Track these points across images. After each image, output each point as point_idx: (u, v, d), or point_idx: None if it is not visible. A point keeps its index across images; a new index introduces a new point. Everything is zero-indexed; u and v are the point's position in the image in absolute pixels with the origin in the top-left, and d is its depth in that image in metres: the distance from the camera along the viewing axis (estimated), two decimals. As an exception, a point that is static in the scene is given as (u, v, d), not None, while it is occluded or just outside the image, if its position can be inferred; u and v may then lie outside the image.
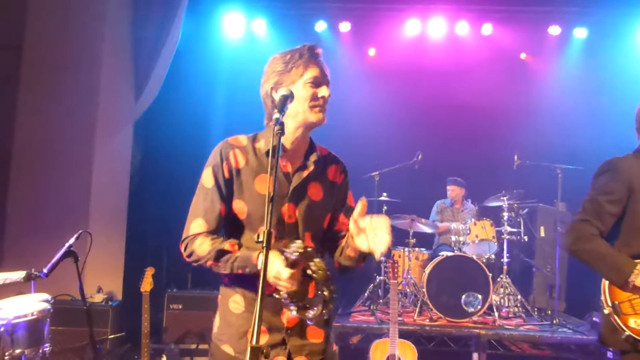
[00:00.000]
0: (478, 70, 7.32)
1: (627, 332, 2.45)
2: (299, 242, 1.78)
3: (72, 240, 3.22)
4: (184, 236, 2.01)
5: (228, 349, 2.00)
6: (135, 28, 5.96)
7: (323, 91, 2.00)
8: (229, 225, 2.05)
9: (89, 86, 5.37)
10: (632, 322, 2.45)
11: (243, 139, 2.08)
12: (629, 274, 2.42)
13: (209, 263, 1.94)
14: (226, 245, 1.91)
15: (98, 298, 4.86)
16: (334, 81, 2.07)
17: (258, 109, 2.18)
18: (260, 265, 1.73)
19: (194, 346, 5.26)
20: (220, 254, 1.92)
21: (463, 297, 5.44)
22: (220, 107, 7.04)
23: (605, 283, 2.58)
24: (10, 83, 5.30)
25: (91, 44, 5.43)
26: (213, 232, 2.00)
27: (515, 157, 6.15)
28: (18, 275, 3.14)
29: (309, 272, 1.78)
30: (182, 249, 2.01)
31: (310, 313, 1.79)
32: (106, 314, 4.72)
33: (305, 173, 2.05)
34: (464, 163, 7.19)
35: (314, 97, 1.99)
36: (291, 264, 1.76)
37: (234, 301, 2.02)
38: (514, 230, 6.18)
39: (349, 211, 2.08)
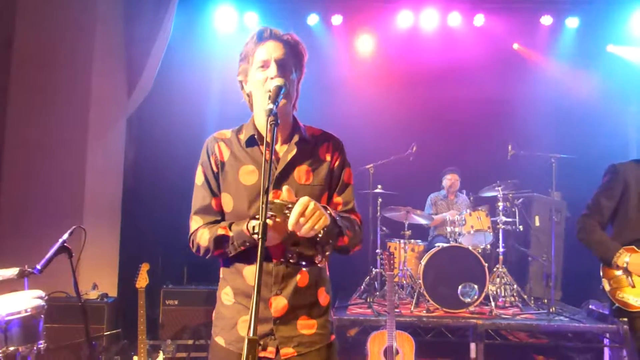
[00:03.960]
0: (471, 61, 7.30)
1: (616, 305, 3.10)
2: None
3: (65, 236, 3.19)
4: (189, 235, 2.05)
5: (220, 340, 2.03)
6: (127, 23, 5.93)
7: (270, 72, 1.95)
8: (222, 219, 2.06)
9: (80, 82, 5.33)
10: (618, 294, 3.10)
11: (227, 132, 2.11)
12: (612, 256, 3.10)
13: (216, 252, 1.97)
14: (220, 231, 1.92)
15: (93, 295, 4.83)
16: (326, 75, 2.05)
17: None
18: (253, 231, 1.80)
19: (190, 342, 5.23)
20: (219, 240, 1.93)
21: (459, 287, 5.45)
22: (214, 101, 6.98)
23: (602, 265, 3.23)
24: (0, 80, 5.25)
25: (82, 39, 5.38)
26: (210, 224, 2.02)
27: (510, 147, 6.15)
28: (11, 272, 3.12)
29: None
30: (191, 247, 2.04)
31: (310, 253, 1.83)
32: (102, 310, 4.69)
33: (289, 157, 2.01)
34: (458, 154, 7.20)
35: (266, 81, 1.95)
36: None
37: (225, 293, 2.05)
38: (509, 220, 6.20)
39: (344, 189, 2.09)
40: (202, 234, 1.98)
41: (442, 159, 7.07)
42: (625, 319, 3.22)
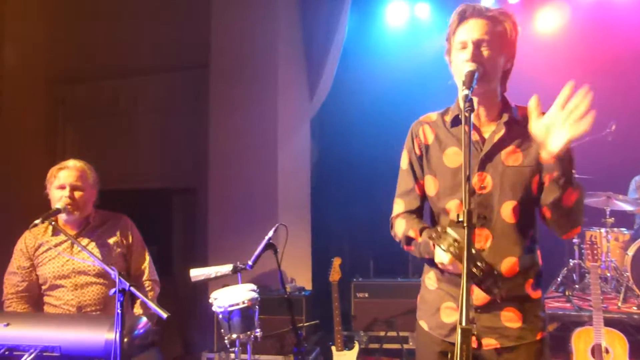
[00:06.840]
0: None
1: None
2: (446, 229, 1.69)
3: (270, 233, 3.47)
4: (390, 217, 2.12)
5: (423, 324, 2.05)
6: (305, 27, 6.21)
7: (465, 54, 1.87)
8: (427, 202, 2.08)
9: (268, 91, 5.72)
10: None
11: (433, 115, 2.09)
12: None
13: (405, 247, 2.02)
14: (411, 232, 1.95)
15: (292, 288, 5.19)
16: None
17: (427, 92, 2.13)
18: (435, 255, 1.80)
19: (382, 333, 5.35)
20: (408, 240, 1.97)
21: (680, 281, 4.81)
22: (390, 95, 7.02)
23: None
24: (201, 99, 5.88)
25: (266, 51, 5.76)
26: (413, 211, 2.06)
27: None
28: (226, 268, 3.47)
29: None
30: (390, 229, 2.12)
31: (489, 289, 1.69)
32: (300, 302, 5.01)
33: (495, 137, 1.92)
34: (667, 129, 6.30)
35: (462, 64, 1.87)
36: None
37: (428, 278, 2.06)
38: None
39: None
40: (399, 223, 2.04)
41: (646, 137, 6.25)
42: None
